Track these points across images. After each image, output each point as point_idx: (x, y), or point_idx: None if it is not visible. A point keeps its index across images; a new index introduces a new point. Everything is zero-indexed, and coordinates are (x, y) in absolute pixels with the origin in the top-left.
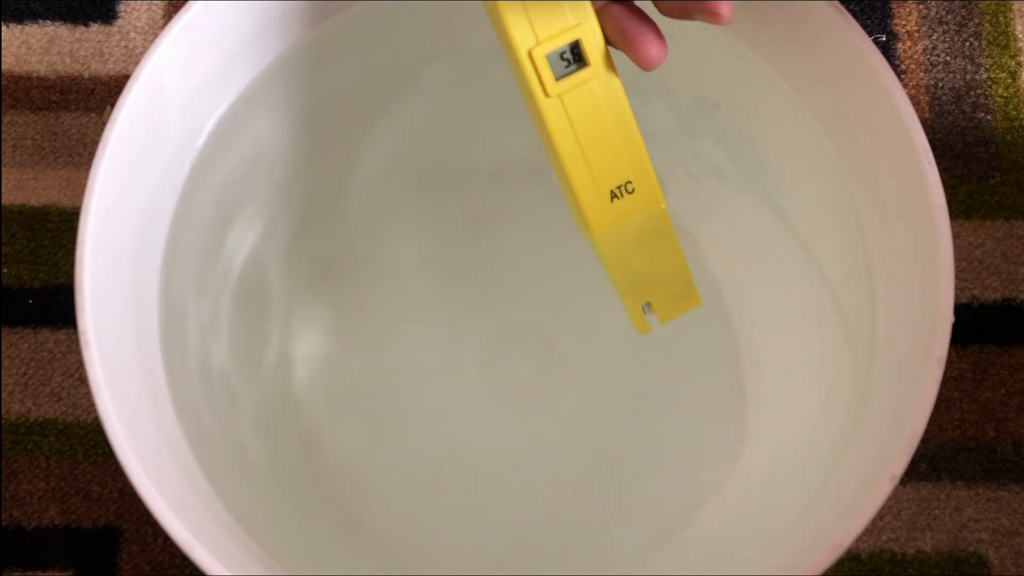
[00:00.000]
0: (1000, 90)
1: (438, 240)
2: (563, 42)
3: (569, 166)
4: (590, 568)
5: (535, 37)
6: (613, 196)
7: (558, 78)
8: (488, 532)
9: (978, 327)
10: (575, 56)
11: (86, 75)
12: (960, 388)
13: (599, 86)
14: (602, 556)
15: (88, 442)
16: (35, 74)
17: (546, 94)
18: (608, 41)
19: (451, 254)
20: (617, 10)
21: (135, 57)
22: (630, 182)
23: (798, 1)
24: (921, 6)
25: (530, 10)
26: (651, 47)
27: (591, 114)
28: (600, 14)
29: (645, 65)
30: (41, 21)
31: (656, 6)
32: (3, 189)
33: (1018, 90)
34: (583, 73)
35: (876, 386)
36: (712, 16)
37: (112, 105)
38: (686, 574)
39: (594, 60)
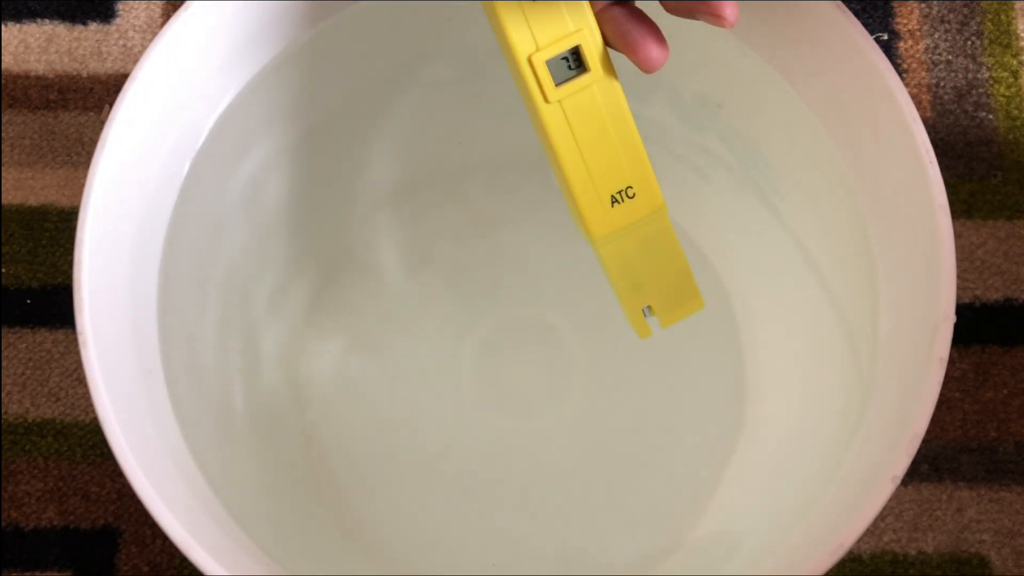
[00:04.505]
0: (1002, 89)
1: (438, 239)
2: (563, 48)
3: (569, 171)
4: (590, 569)
5: (535, 43)
6: (614, 201)
7: (558, 84)
8: (487, 532)
9: (980, 327)
10: (575, 61)
11: (84, 74)
12: (962, 388)
13: (599, 91)
14: (602, 556)
15: (86, 443)
16: (33, 73)
17: (546, 100)
18: (608, 43)
19: (451, 253)
20: (617, 12)
21: (134, 56)
22: (631, 187)
23: (800, 1)
24: (923, 5)
25: (530, 16)
26: (652, 49)
27: (591, 119)
28: (600, 16)
29: (646, 67)
30: (40, 20)
31: (661, 4)
32: (1, 188)
33: (1020, 89)
34: (583, 79)
35: (878, 386)
36: (716, 19)
37: (111, 104)
38: (687, 574)
39: (594, 65)
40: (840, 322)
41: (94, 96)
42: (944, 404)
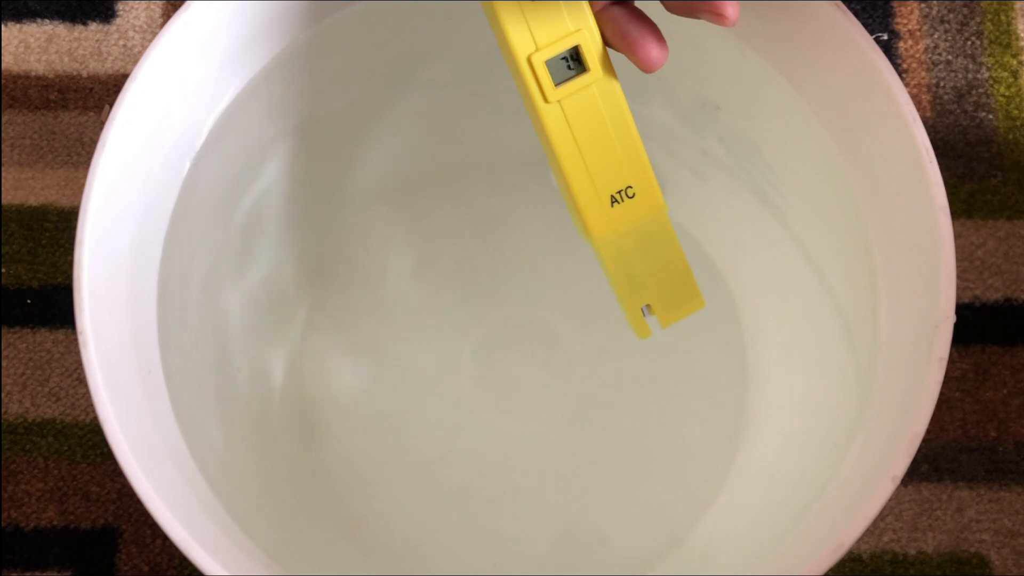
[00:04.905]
0: (1002, 89)
1: (437, 239)
2: (562, 48)
3: (569, 171)
4: (590, 569)
5: (534, 43)
6: (613, 201)
7: (558, 84)
8: (487, 532)
9: (980, 327)
10: (575, 61)
11: (84, 74)
12: (962, 388)
13: (599, 91)
14: (602, 556)
15: (86, 442)
16: (33, 73)
17: (545, 100)
18: (608, 43)
19: (450, 253)
20: (617, 12)
21: (134, 56)
22: (630, 187)
23: (800, 1)
24: (923, 5)
25: (529, 16)
26: (651, 49)
27: (591, 119)
28: (599, 16)
29: (645, 67)
30: (40, 20)
31: (662, 3)
32: (1, 188)
33: (1020, 89)
34: (583, 79)
35: (878, 386)
36: (717, 17)
37: (111, 104)
38: (686, 574)
39: (594, 65)
40: (840, 322)
41: (94, 96)
42: (944, 404)
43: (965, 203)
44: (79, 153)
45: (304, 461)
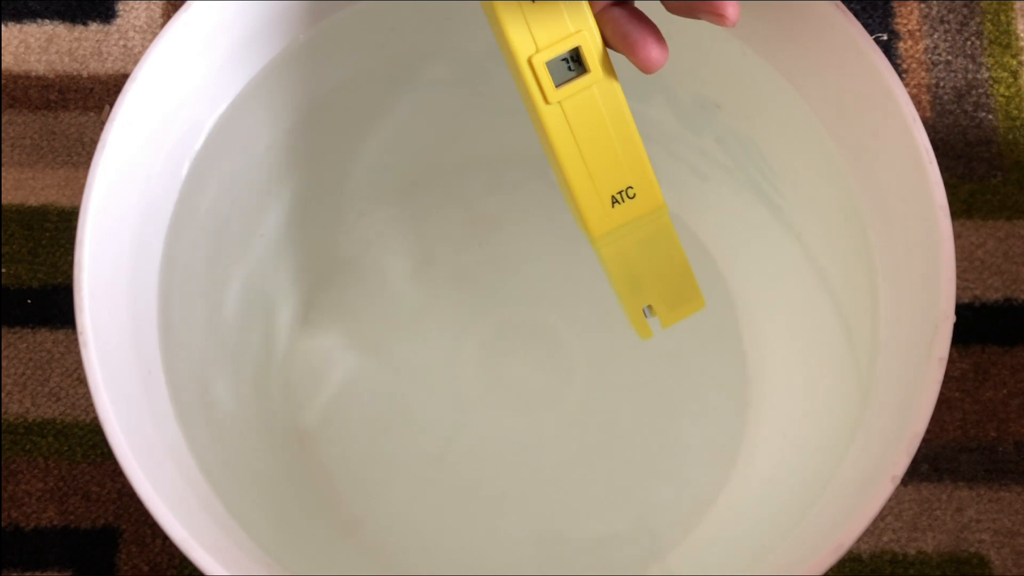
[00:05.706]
0: (1002, 89)
1: (438, 239)
2: (563, 49)
3: (570, 172)
4: (590, 569)
5: (535, 44)
6: (614, 201)
7: (558, 85)
8: (486, 532)
9: (980, 327)
10: (575, 62)
11: (85, 74)
12: (961, 388)
13: (599, 92)
14: (602, 556)
15: (87, 442)
16: (34, 73)
17: (546, 101)
18: (608, 44)
19: (451, 253)
20: (617, 13)
21: (134, 56)
22: (631, 187)
23: (800, 1)
24: (923, 5)
25: (530, 17)
26: (652, 50)
27: (592, 120)
28: (600, 17)
29: (646, 68)
30: (40, 20)
31: (663, 4)
32: (2, 188)
33: (1019, 89)
34: (583, 80)
35: (877, 386)
36: (717, 18)
37: (111, 105)
38: (687, 574)
39: (594, 66)
40: (840, 322)
41: (94, 96)
42: (944, 404)
43: (965, 203)
44: (79, 153)
45: (303, 461)
